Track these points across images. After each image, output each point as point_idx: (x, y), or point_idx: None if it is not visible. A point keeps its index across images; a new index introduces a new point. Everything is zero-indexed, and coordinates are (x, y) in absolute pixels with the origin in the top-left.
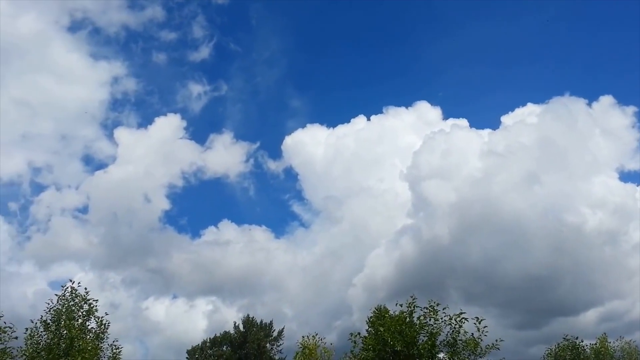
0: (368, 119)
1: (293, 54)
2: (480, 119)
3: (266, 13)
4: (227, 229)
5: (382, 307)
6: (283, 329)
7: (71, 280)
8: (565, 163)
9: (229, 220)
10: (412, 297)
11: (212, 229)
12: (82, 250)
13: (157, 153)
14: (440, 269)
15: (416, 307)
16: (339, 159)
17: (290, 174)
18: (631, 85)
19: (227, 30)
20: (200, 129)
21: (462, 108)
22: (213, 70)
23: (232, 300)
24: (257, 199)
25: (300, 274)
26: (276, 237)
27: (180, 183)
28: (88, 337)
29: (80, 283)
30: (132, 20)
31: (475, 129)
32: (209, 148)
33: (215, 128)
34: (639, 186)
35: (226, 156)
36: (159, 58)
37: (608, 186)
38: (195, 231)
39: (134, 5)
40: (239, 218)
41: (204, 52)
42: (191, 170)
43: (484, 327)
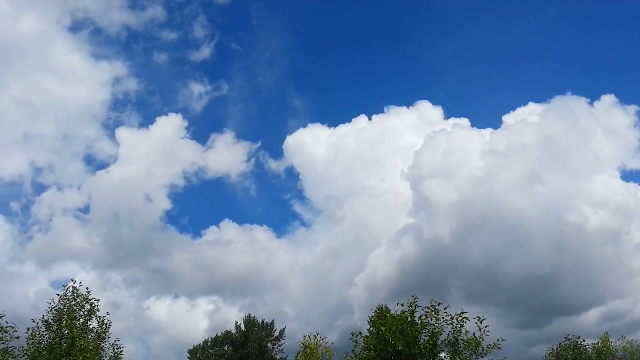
0: (369, 118)
1: (294, 53)
2: (482, 118)
3: (267, 13)
4: (229, 229)
5: (384, 306)
6: (284, 328)
7: (73, 280)
8: (567, 162)
9: (230, 219)
10: (413, 297)
11: (213, 228)
12: (84, 250)
13: (159, 153)
14: (442, 269)
15: (417, 306)
16: (340, 159)
17: (291, 174)
18: (633, 85)
19: (228, 30)
20: (202, 128)
21: (464, 107)
22: (214, 70)
23: (234, 300)
24: (258, 198)
25: (302, 274)
26: (277, 237)
27: (181, 183)
28: (89, 336)
29: (81, 283)
30: (133, 20)
31: (477, 128)
32: (210, 148)
33: (217, 128)
34: None
35: (227, 156)
36: (160, 58)
37: (610, 185)
38: (196, 231)
39: (135, 5)
40: (240, 218)
41: (205, 52)
42: (192, 170)
43: (486, 327)
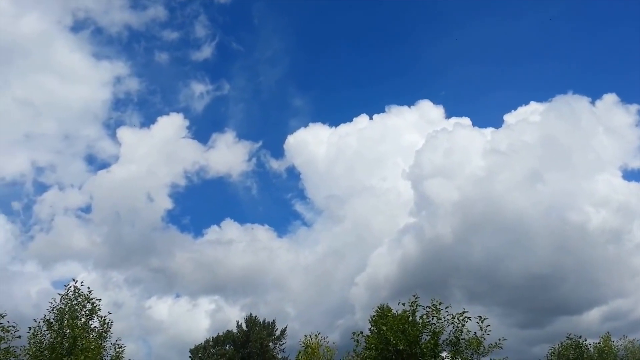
0: (370, 118)
1: (295, 53)
2: (483, 118)
3: (268, 12)
4: (230, 228)
5: (385, 306)
6: (286, 328)
7: (74, 280)
8: (569, 161)
9: (231, 219)
10: (414, 296)
11: (214, 228)
12: (85, 249)
13: (160, 152)
14: (443, 268)
15: (419, 306)
16: (341, 158)
17: (292, 173)
18: (635, 84)
19: (229, 30)
20: (203, 128)
21: (465, 107)
22: (215, 70)
23: (235, 299)
24: (259, 198)
25: (303, 273)
26: (279, 236)
27: (182, 182)
28: (91, 336)
29: (83, 282)
30: (135, 20)
31: (478, 127)
32: (211, 147)
33: (218, 127)
34: None
35: (229, 155)
36: (162, 57)
37: (611, 184)
38: (197, 230)
39: (136, 5)
40: (242, 217)
41: (206, 52)
42: (194, 170)
43: (487, 326)
